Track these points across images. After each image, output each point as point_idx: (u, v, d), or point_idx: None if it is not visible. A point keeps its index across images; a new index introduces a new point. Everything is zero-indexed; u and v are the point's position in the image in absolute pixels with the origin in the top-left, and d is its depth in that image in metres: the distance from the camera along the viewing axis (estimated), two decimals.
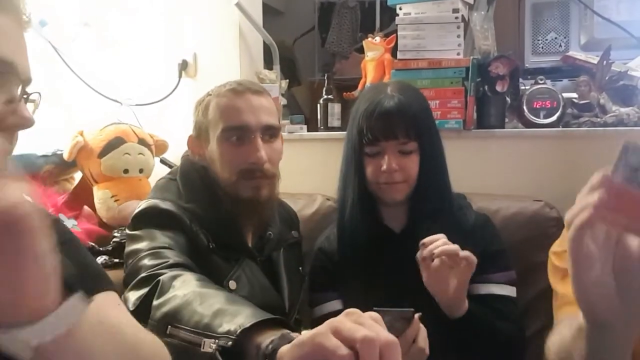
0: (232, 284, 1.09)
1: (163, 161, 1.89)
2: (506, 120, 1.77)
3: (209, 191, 1.17)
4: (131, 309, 0.88)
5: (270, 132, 1.17)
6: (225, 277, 1.09)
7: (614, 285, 0.57)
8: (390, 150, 1.18)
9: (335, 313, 1.20)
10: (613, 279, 0.57)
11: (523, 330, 1.27)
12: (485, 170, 1.69)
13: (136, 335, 0.66)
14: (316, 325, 1.35)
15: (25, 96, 0.63)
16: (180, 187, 1.18)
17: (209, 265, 1.07)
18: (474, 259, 1.04)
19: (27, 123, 0.62)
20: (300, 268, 1.30)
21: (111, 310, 0.69)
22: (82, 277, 0.69)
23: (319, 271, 1.30)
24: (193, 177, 1.19)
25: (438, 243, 1.04)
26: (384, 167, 1.17)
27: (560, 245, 0.97)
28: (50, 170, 1.81)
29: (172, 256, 0.99)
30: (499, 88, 1.68)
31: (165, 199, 1.14)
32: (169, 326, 0.79)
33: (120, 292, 0.91)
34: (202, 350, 0.70)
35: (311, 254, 1.36)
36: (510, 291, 1.21)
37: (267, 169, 1.15)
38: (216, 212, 1.15)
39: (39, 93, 0.68)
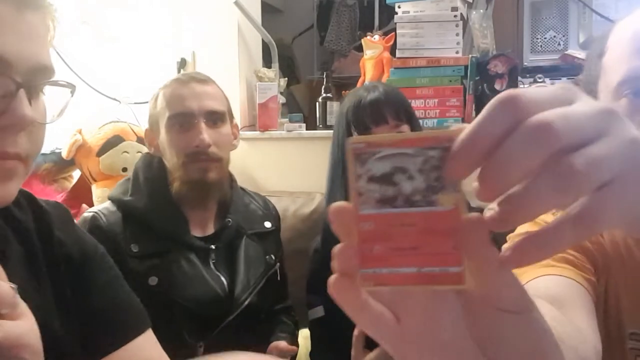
0: (153, 280, 1.14)
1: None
2: None
3: (152, 182, 1.23)
4: None
5: (215, 117, 1.21)
6: (145, 276, 1.14)
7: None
8: None
9: (322, 318, 1.22)
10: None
11: None
12: None
13: None
14: (312, 328, 1.35)
15: (23, 89, 0.54)
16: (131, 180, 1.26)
17: (126, 270, 1.11)
18: None
19: (20, 122, 0.53)
20: (268, 257, 1.31)
21: (152, 351, 0.73)
22: (126, 318, 0.72)
23: (314, 274, 1.30)
24: (141, 169, 1.26)
25: None
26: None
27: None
28: (49, 169, 1.81)
29: None
30: (497, 86, 1.69)
31: (111, 197, 1.24)
32: None
33: None
34: None
35: (309, 253, 1.36)
36: None
37: (212, 152, 1.19)
38: (156, 202, 1.20)
39: (69, 83, 0.62)
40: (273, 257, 1.32)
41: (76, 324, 0.67)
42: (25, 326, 0.47)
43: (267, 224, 1.36)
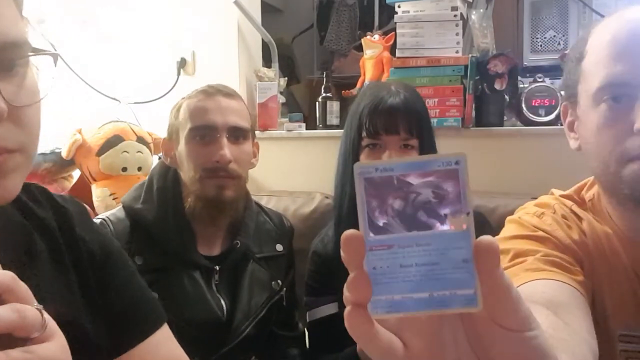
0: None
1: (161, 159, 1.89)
2: (505, 118, 1.77)
3: (165, 193, 1.20)
4: None
5: (238, 134, 1.18)
6: None
7: None
8: (392, 145, 1.17)
9: (329, 317, 1.22)
10: None
11: None
12: (483, 168, 1.69)
13: None
14: (312, 329, 1.34)
15: None
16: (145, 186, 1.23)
17: None
18: None
19: None
20: (274, 283, 1.26)
21: (170, 345, 0.74)
22: (146, 314, 0.73)
23: (313, 275, 1.29)
24: (156, 177, 1.23)
25: None
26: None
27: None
28: (49, 169, 1.81)
29: None
30: (497, 86, 1.68)
31: (123, 203, 1.21)
32: None
33: None
34: None
35: (308, 254, 1.35)
36: None
37: (232, 169, 1.15)
38: (166, 215, 1.17)
39: (49, 51, 0.55)
40: (279, 283, 1.27)
41: (102, 319, 0.67)
42: (55, 347, 0.45)
43: (279, 247, 1.31)
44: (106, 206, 1.72)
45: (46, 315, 0.45)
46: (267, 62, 2.24)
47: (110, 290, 0.70)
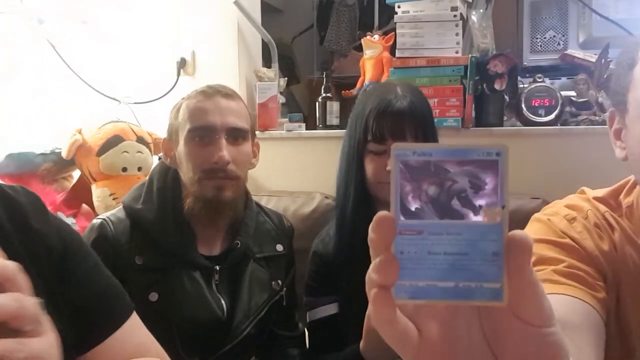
0: (153, 296, 1.11)
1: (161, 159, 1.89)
2: (504, 118, 1.77)
3: (165, 193, 1.20)
4: None
5: (236, 134, 1.18)
6: (146, 290, 1.12)
7: None
8: None
9: (329, 318, 1.22)
10: None
11: None
12: None
13: (157, 349, 0.73)
14: (312, 329, 1.34)
15: None
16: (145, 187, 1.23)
17: (128, 282, 1.07)
18: None
19: None
20: (274, 283, 1.26)
21: (140, 335, 0.73)
22: (113, 305, 0.72)
23: (313, 275, 1.29)
24: (156, 177, 1.23)
25: None
26: (390, 166, 1.15)
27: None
28: (49, 169, 1.81)
29: None
30: (497, 86, 1.69)
31: (124, 203, 1.21)
32: None
33: None
34: None
35: (308, 254, 1.35)
36: None
37: (231, 170, 1.15)
38: (165, 215, 1.17)
39: None
40: (279, 283, 1.28)
41: (67, 316, 0.65)
42: (46, 343, 0.44)
43: (279, 247, 1.30)
44: (106, 206, 1.72)
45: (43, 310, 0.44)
46: (267, 62, 2.24)
47: (72, 284, 0.68)
